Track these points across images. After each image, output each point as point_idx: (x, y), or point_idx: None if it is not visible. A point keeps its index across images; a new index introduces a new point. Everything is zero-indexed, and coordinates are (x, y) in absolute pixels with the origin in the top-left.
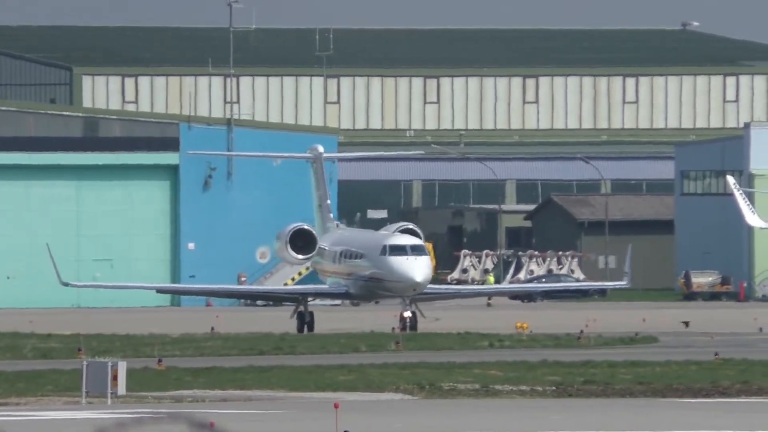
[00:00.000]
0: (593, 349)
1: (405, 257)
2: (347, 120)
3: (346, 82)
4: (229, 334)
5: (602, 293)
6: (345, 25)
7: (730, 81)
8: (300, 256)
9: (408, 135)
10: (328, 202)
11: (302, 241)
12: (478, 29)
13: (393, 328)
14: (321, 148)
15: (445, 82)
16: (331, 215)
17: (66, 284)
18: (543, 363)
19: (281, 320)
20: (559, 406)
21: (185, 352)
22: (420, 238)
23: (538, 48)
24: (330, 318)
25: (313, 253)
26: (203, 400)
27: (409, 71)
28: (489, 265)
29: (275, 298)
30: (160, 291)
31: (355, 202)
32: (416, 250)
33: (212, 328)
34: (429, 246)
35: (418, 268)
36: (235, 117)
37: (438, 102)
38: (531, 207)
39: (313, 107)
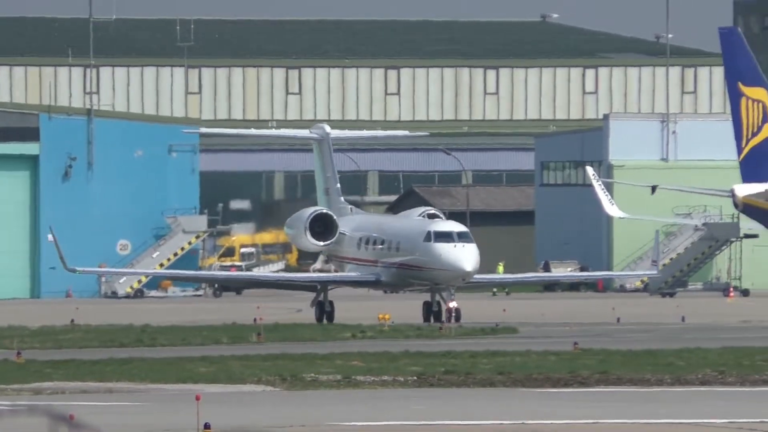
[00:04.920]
0: (454, 339)
1: (452, 244)
2: (209, 111)
3: (207, 72)
4: (90, 326)
5: None
6: (206, 16)
7: (589, 73)
8: (320, 243)
9: (270, 126)
10: (338, 185)
11: (321, 227)
12: (339, 20)
13: (254, 319)
14: (328, 128)
15: (307, 73)
16: (342, 198)
17: (73, 270)
18: (405, 353)
19: (149, 312)
20: (421, 396)
21: (45, 345)
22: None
23: (399, 40)
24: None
25: (333, 239)
26: (63, 392)
27: (270, 62)
28: None
29: (295, 287)
30: (170, 278)
31: (216, 193)
32: (463, 237)
33: (72, 320)
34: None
35: (468, 256)
36: (95, 107)
37: (300, 93)
38: (393, 198)
39: (174, 98)
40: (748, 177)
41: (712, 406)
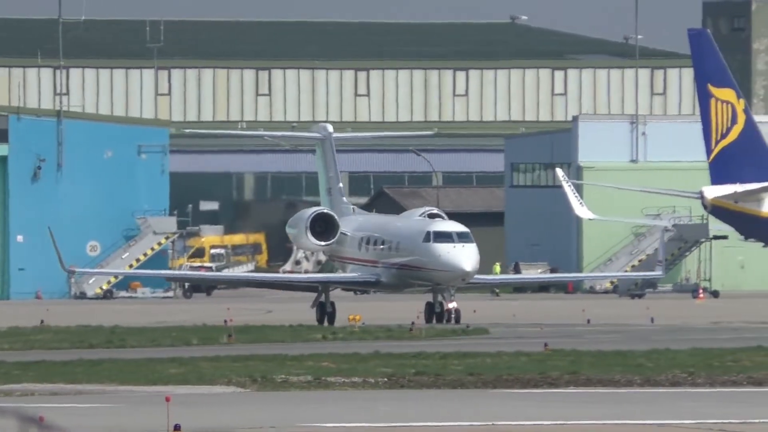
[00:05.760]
0: (425, 340)
1: (452, 245)
2: (178, 112)
3: (177, 74)
4: (59, 327)
5: None
6: (176, 17)
7: (559, 74)
8: (321, 243)
9: (240, 127)
10: (340, 185)
11: (321, 227)
12: (309, 22)
13: (225, 320)
14: (330, 128)
15: (277, 74)
16: (344, 199)
17: (71, 271)
18: (375, 354)
19: (119, 313)
20: (391, 397)
21: (14, 346)
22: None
23: (369, 41)
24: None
25: (334, 239)
26: (32, 393)
27: (240, 63)
28: (322, 258)
29: (296, 288)
30: (169, 279)
31: (186, 194)
32: (463, 237)
33: (42, 321)
34: (262, 238)
35: (467, 257)
36: (65, 109)
37: (270, 94)
38: (363, 199)
39: (144, 99)
40: (717, 178)
41: (682, 407)
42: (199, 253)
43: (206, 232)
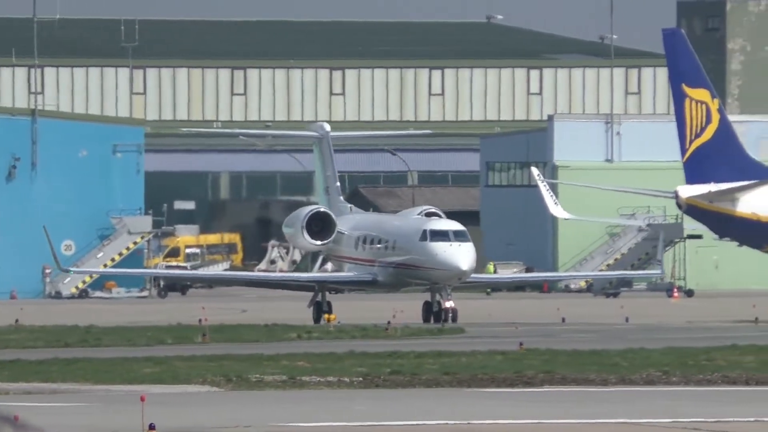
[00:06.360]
0: (400, 339)
1: (448, 243)
2: (153, 111)
3: (152, 73)
4: (34, 327)
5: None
6: (151, 16)
7: (534, 74)
8: (317, 242)
9: (215, 126)
10: (338, 184)
11: (318, 226)
12: (285, 21)
13: (200, 320)
14: (328, 127)
15: (252, 73)
16: (341, 197)
17: (66, 270)
18: (350, 354)
19: (94, 312)
20: (366, 397)
21: None
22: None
23: (344, 40)
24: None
25: (331, 238)
26: (7, 393)
27: (215, 62)
28: (297, 257)
29: (293, 287)
30: (167, 278)
31: (161, 194)
32: (459, 236)
33: (16, 320)
34: (237, 237)
35: (464, 256)
36: (40, 108)
37: (245, 94)
38: None
39: (119, 98)
40: (691, 178)
41: (657, 406)
42: (174, 253)
43: (181, 232)
